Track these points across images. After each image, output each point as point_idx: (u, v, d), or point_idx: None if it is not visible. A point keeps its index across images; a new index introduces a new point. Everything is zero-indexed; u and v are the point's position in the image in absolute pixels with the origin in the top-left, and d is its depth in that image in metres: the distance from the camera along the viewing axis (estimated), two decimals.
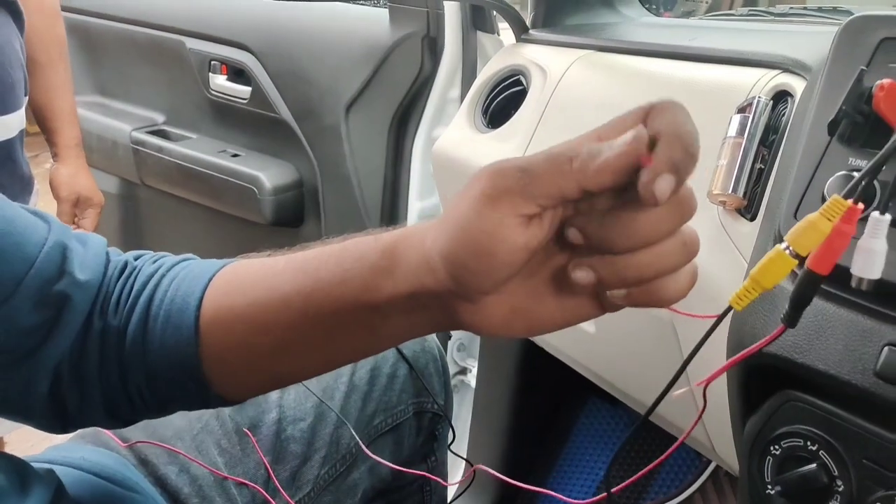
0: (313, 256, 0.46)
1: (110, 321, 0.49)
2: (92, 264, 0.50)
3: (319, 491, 0.73)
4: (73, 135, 1.38)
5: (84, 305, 0.49)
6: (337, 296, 0.44)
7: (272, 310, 0.46)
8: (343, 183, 1.37)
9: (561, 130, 0.92)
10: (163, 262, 0.52)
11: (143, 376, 0.49)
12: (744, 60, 0.78)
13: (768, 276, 0.37)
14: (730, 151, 0.68)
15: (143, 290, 0.50)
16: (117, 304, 0.50)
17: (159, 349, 0.49)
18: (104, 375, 0.50)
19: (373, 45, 1.29)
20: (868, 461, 0.53)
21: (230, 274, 0.50)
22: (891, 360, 0.49)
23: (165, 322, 0.49)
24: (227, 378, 0.50)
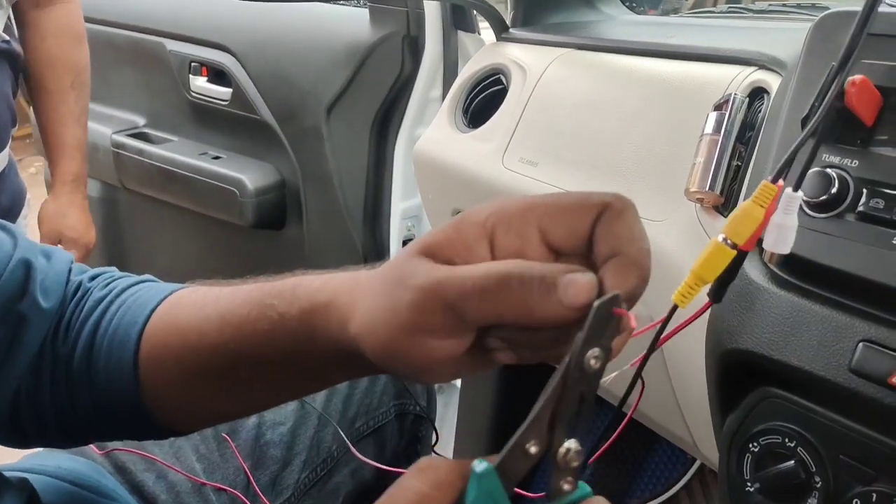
0: (237, 305, 0.44)
1: (59, 346, 0.49)
2: (54, 287, 0.50)
3: (300, 495, 0.72)
4: (70, 169, 1.29)
5: (41, 331, 0.49)
6: (264, 354, 0.43)
7: (204, 359, 0.45)
8: (325, 184, 1.37)
9: (541, 129, 0.92)
10: (115, 285, 0.51)
11: (90, 405, 0.49)
12: (721, 57, 0.78)
13: (709, 270, 0.37)
14: (706, 148, 0.68)
15: (91, 316, 0.49)
16: (67, 330, 0.50)
17: (103, 378, 0.48)
18: (56, 401, 0.49)
19: (353, 46, 1.29)
20: (845, 457, 0.53)
21: (169, 310, 0.48)
22: (865, 356, 0.49)
23: (108, 352, 0.48)
24: (168, 413, 0.49)
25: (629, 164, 0.80)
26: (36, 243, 0.51)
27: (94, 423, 0.50)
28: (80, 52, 1.29)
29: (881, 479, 0.51)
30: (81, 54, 1.29)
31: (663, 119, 0.79)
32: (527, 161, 0.91)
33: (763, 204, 0.37)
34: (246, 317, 0.43)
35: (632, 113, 0.83)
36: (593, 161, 0.84)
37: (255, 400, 0.48)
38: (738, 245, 0.37)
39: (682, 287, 0.37)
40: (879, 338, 0.49)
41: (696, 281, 0.37)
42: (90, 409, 0.49)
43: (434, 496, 0.29)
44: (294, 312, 0.41)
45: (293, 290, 0.42)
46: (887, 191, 0.51)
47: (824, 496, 0.53)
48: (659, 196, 0.76)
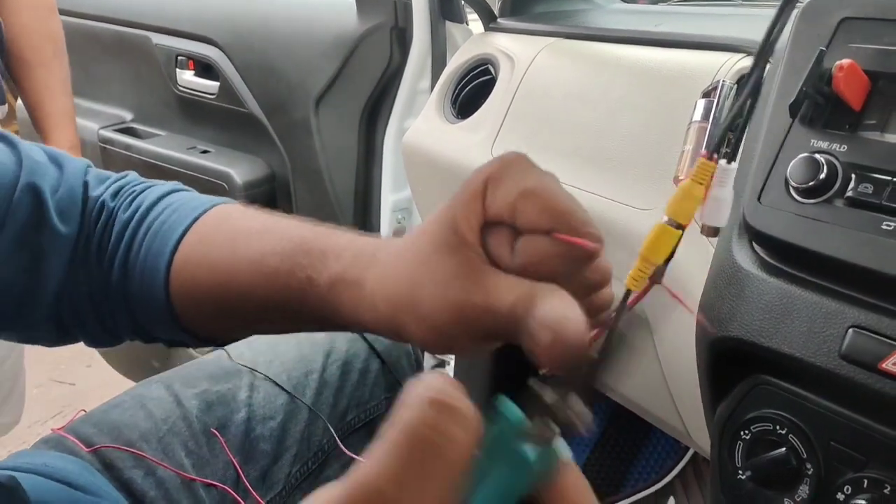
0: (270, 254, 0.45)
1: (92, 268, 0.51)
2: (68, 208, 0.50)
3: (291, 490, 0.72)
4: (64, 138, 1.31)
5: (63, 256, 0.50)
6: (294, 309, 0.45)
7: (235, 296, 0.47)
8: (315, 177, 1.36)
9: (529, 119, 0.92)
10: (139, 202, 0.52)
11: (127, 316, 0.52)
12: (709, 45, 0.78)
13: (656, 252, 0.37)
14: (695, 136, 0.68)
15: (120, 243, 0.50)
16: (98, 251, 0.51)
17: (139, 295, 0.50)
18: (98, 312, 0.52)
19: (341, 37, 1.28)
20: (836, 443, 0.53)
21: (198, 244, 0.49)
22: (855, 342, 0.49)
23: (141, 281, 0.50)
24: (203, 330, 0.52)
25: (618, 153, 0.80)
26: (43, 150, 0.51)
27: (135, 331, 0.53)
28: (56, 23, 1.30)
29: (872, 464, 0.51)
30: (57, 24, 1.30)
31: (652, 107, 0.79)
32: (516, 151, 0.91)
33: (702, 181, 0.37)
34: (276, 269, 0.44)
35: (620, 101, 0.82)
36: (582, 150, 0.84)
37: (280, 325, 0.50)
38: (682, 225, 0.37)
39: (633, 271, 0.38)
40: (869, 323, 0.49)
41: (645, 263, 0.38)
42: (130, 322, 0.52)
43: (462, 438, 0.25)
44: (323, 280, 0.42)
45: (323, 255, 0.43)
46: (876, 175, 0.51)
47: (816, 483, 0.53)
48: (648, 184, 0.76)
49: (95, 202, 0.52)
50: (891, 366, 0.47)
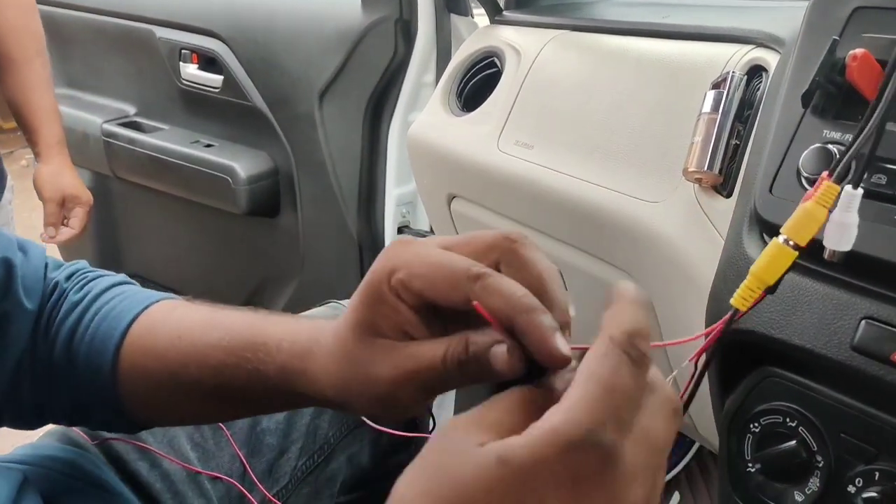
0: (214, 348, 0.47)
1: (40, 346, 0.52)
2: (34, 286, 0.52)
3: (297, 483, 0.72)
4: (53, 132, 1.34)
5: (26, 330, 0.51)
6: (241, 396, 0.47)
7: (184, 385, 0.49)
8: (319, 171, 1.36)
9: (536, 112, 0.91)
10: (90, 287, 0.54)
11: (67, 396, 0.52)
12: (718, 36, 0.78)
13: (771, 272, 0.37)
14: (704, 128, 0.68)
15: (66, 320, 0.52)
16: (46, 328, 0.52)
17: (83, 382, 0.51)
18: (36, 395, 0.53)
19: (345, 30, 1.27)
20: (847, 436, 0.52)
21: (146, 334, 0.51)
22: (868, 334, 0.49)
23: (87, 360, 0.51)
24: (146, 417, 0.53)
25: (626, 146, 0.79)
26: (12, 237, 0.53)
27: (71, 416, 0.54)
28: (37, 21, 1.31)
29: (883, 457, 0.51)
30: (38, 23, 1.32)
31: (660, 99, 0.78)
32: (522, 144, 0.91)
33: (826, 204, 0.37)
34: (223, 362, 0.46)
35: (628, 93, 0.82)
36: (589, 143, 0.83)
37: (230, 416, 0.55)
38: (800, 245, 0.36)
39: (742, 290, 0.37)
40: (881, 315, 0.49)
41: (758, 284, 0.37)
42: (68, 404, 0.53)
43: None
44: (271, 371, 0.44)
45: (265, 347, 0.45)
46: (889, 166, 0.50)
47: (826, 475, 0.53)
48: (656, 177, 0.75)
49: (52, 282, 0.54)
50: None
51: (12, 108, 1.31)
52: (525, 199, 0.89)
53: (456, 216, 1.05)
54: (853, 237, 0.39)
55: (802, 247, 0.37)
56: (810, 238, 0.37)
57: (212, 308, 0.51)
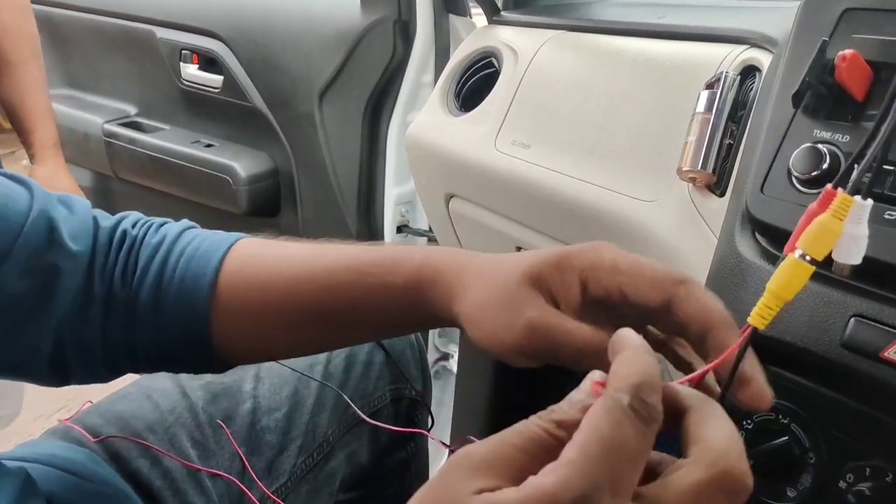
0: (328, 270, 0.49)
1: (116, 290, 0.52)
2: (81, 233, 0.52)
3: (297, 481, 0.72)
4: (49, 134, 1.34)
5: (76, 275, 0.51)
6: (358, 314, 0.48)
7: (293, 314, 0.50)
8: (319, 171, 1.36)
9: (533, 112, 0.92)
10: (166, 230, 0.54)
11: (151, 339, 0.53)
12: (712, 36, 0.78)
13: (789, 288, 0.35)
14: (698, 127, 0.68)
15: (152, 261, 0.52)
16: (123, 274, 0.52)
17: (171, 317, 0.52)
18: (107, 337, 0.52)
19: (344, 31, 1.28)
20: (838, 432, 0.53)
21: (245, 260, 0.52)
22: (857, 331, 0.49)
23: (179, 291, 0.51)
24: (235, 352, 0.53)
25: (621, 145, 0.80)
26: (52, 194, 0.53)
27: (148, 356, 0.54)
28: (31, 23, 1.32)
29: (875, 454, 0.51)
30: (33, 24, 1.32)
31: (655, 99, 0.79)
32: (519, 143, 0.91)
33: (842, 217, 0.35)
34: (341, 281, 0.48)
35: (623, 93, 0.82)
36: (585, 142, 0.84)
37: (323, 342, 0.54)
38: (816, 260, 0.35)
39: (760, 307, 0.36)
40: (871, 312, 0.49)
41: (775, 301, 0.35)
42: (150, 343, 0.53)
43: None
44: (399, 282, 0.46)
45: (394, 261, 0.47)
46: (883, 167, 0.51)
47: (818, 472, 0.53)
48: (651, 176, 0.76)
49: (111, 230, 0.54)
50: (892, 354, 0.47)
51: (7, 110, 1.32)
52: (522, 199, 0.90)
53: (454, 216, 1.06)
54: (863, 250, 0.37)
55: (818, 260, 0.35)
56: (828, 252, 0.35)
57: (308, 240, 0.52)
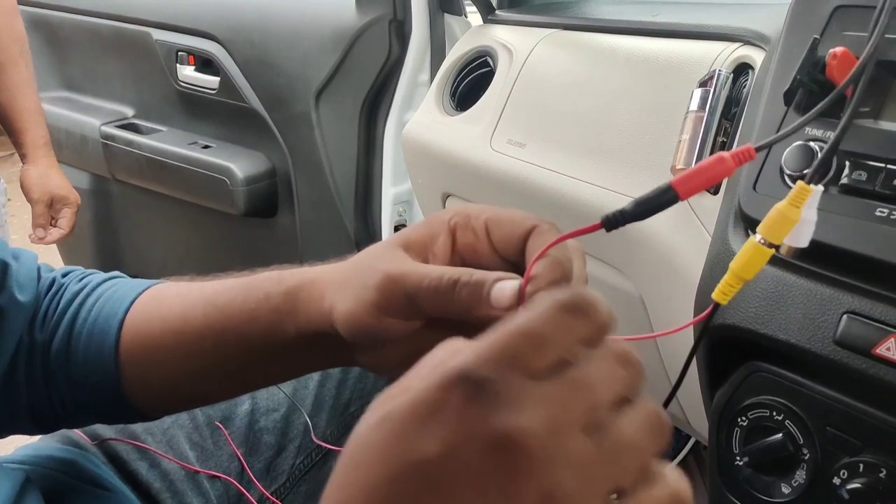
0: (223, 290, 0.49)
1: (36, 336, 0.52)
2: (28, 283, 0.53)
3: (295, 481, 0.72)
4: (40, 134, 1.35)
5: (19, 323, 0.52)
6: (246, 333, 0.47)
7: (188, 341, 0.49)
8: (316, 171, 1.36)
9: (528, 111, 0.92)
10: (89, 279, 0.55)
11: (65, 389, 0.52)
12: (705, 34, 0.78)
13: (748, 269, 0.39)
14: (691, 125, 0.68)
15: (69, 307, 0.53)
16: (44, 320, 0.53)
17: (82, 365, 0.51)
18: (31, 387, 0.52)
19: (340, 31, 1.28)
20: (832, 429, 0.53)
21: (150, 301, 0.52)
22: (849, 328, 0.50)
23: (88, 341, 0.51)
24: (146, 398, 0.52)
25: (616, 143, 0.80)
26: (4, 242, 0.53)
27: (68, 411, 0.53)
28: (19, 23, 1.32)
29: (867, 449, 0.51)
30: (21, 25, 1.33)
31: (649, 97, 0.79)
32: (515, 143, 0.91)
33: (799, 205, 0.38)
34: (232, 299, 0.48)
35: (618, 92, 0.83)
36: (580, 141, 0.84)
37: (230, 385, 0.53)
38: (775, 245, 0.38)
39: (722, 285, 0.39)
40: (863, 309, 0.50)
41: (736, 280, 0.39)
42: (66, 396, 0.52)
43: None
44: (280, 290, 0.46)
45: (279, 274, 0.47)
46: (870, 163, 0.51)
47: (812, 468, 0.54)
48: (645, 174, 0.76)
49: (46, 280, 0.55)
50: (884, 351, 0.48)
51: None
52: (517, 197, 0.90)
53: None
54: (810, 234, 0.40)
55: (777, 245, 0.38)
56: (785, 237, 0.38)
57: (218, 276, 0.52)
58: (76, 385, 0.52)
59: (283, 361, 0.48)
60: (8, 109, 1.32)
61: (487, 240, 0.41)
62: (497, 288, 0.37)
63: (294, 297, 0.45)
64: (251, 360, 0.48)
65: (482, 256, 0.41)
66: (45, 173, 1.37)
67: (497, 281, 0.37)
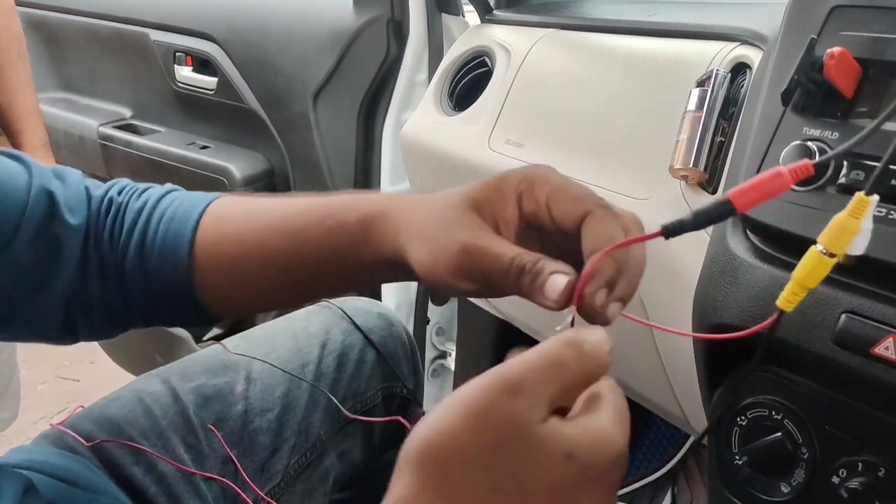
0: (294, 216, 0.53)
1: (106, 254, 0.56)
2: (76, 204, 0.56)
3: (290, 481, 0.72)
4: (39, 135, 1.34)
5: (76, 245, 0.55)
6: (319, 257, 0.52)
7: (262, 262, 0.54)
8: (314, 171, 1.36)
9: (526, 111, 0.92)
10: (147, 196, 0.58)
11: (141, 297, 0.57)
12: (703, 34, 0.78)
13: (811, 278, 0.41)
14: (689, 125, 0.68)
15: (135, 226, 0.56)
16: (111, 239, 0.57)
17: (156, 275, 0.56)
18: (106, 297, 0.57)
19: (338, 31, 1.28)
20: (831, 428, 0.53)
21: (218, 219, 0.56)
22: (847, 327, 0.50)
23: (160, 257, 0.55)
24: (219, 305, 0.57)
25: (614, 143, 0.80)
26: (47, 168, 0.56)
27: (145, 313, 0.58)
28: (17, 24, 1.31)
29: (866, 448, 0.51)
30: (18, 26, 1.32)
31: (647, 97, 0.79)
32: (513, 142, 0.91)
33: (859, 216, 0.39)
34: (305, 226, 0.52)
35: (616, 91, 0.83)
36: (578, 140, 0.84)
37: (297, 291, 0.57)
38: (835, 255, 0.40)
39: (787, 293, 0.42)
40: (861, 308, 0.50)
41: (800, 289, 0.41)
42: (140, 300, 0.57)
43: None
44: (353, 220, 0.50)
45: (351, 202, 0.51)
46: (867, 163, 0.51)
47: (811, 467, 0.54)
48: (644, 174, 0.76)
49: (100, 199, 0.58)
50: (883, 350, 0.48)
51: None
52: None
53: None
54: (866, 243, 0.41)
55: (836, 255, 0.40)
56: (845, 248, 0.39)
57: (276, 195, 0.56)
58: (151, 293, 0.56)
59: (353, 280, 0.54)
60: (6, 110, 1.31)
61: (548, 211, 0.44)
62: (550, 282, 0.40)
63: (367, 226, 0.49)
64: (322, 277, 0.53)
65: (544, 223, 0.44)
66: None
67: (552, 274, 0.41)
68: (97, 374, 2.11)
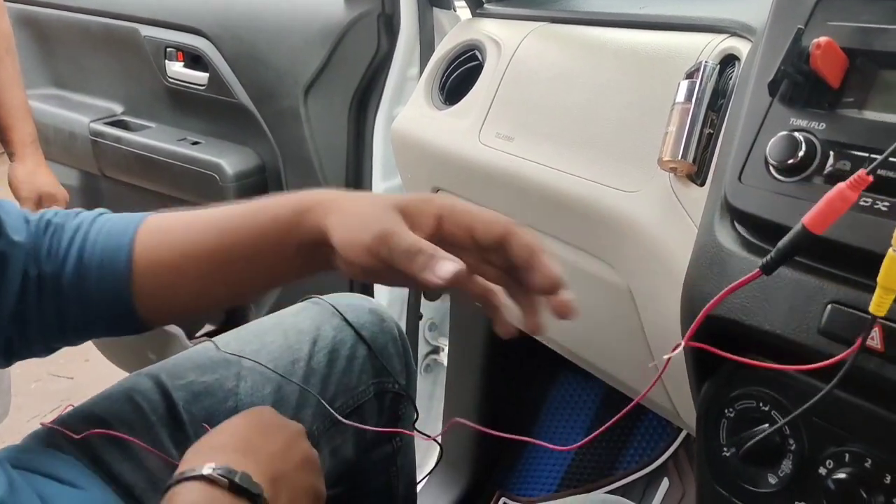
0: (233, 216, 0.59)
1: (44, 269, 0.59)
2: (19, 226, 0.59)
3: None
4: (27, 131, 1.34)
5: (20, 262, 0.58)
6: (254, 250, 0.57)
7: (200, 263, 0.58)
8: (305, 166, 1.36)
9: (516, 104, 0.92)
10: (82, 216, 0.62)
11: (78, 309, 0.59)
12: (692, 26, 0.78)
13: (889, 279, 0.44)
14: (678, 117, 0.68)
15: (73, 241, 0.59)
16: (48, 255, 0.59)
17: (95, 287, 0.59)
18: (42, 314, 0.59)
19: (328, 25, 1.27)
20: (818, 419, 0.53)
21: (155, 231, 0.60)
22: (834, 318, 0.50)
23: (101, 264, 0.59)
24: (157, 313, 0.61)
25: (603, 136, 0.80)
26: None
27: (78, 327, 0.61)
28: (6, 20, 1.31)
29: (853, 439, 0.51)
30: (7, 21, 1.32)
31: (636, 89, 0.79)
32: (503, 136, 0.91)
33: None
34: (242, 223, 0.58)
35: (605, 84, 0.82)
36: (568, 134, 0.84)
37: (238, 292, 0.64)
38: None
39: (876, 299, 0.45)
40: (848, 299, 0.50)
41: (885, 293, 0.44)
42: (77, 315, 0.60)
43: None
44: (287, 211, 0.56)
45: (286, 199, 0.57)
46: (854, 153, 0.51)
47: (799, 458, 0.54)
48: (633, 166, 0.76)
49: (37, 221, 0.61)
50: (868, 341, 0.48)
51: None
52: (506, 191, 0.90)
53: None
54: None
55: None
56: None
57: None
58: (88, 305, 0.59)
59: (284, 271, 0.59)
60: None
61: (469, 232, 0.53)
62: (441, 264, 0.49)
63: (301, 214, 0.55)
64: (256, 271, 0.58)
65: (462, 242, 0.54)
66: (34, 171, 1.36)
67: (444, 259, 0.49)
68: (91, 371, 2.11)
